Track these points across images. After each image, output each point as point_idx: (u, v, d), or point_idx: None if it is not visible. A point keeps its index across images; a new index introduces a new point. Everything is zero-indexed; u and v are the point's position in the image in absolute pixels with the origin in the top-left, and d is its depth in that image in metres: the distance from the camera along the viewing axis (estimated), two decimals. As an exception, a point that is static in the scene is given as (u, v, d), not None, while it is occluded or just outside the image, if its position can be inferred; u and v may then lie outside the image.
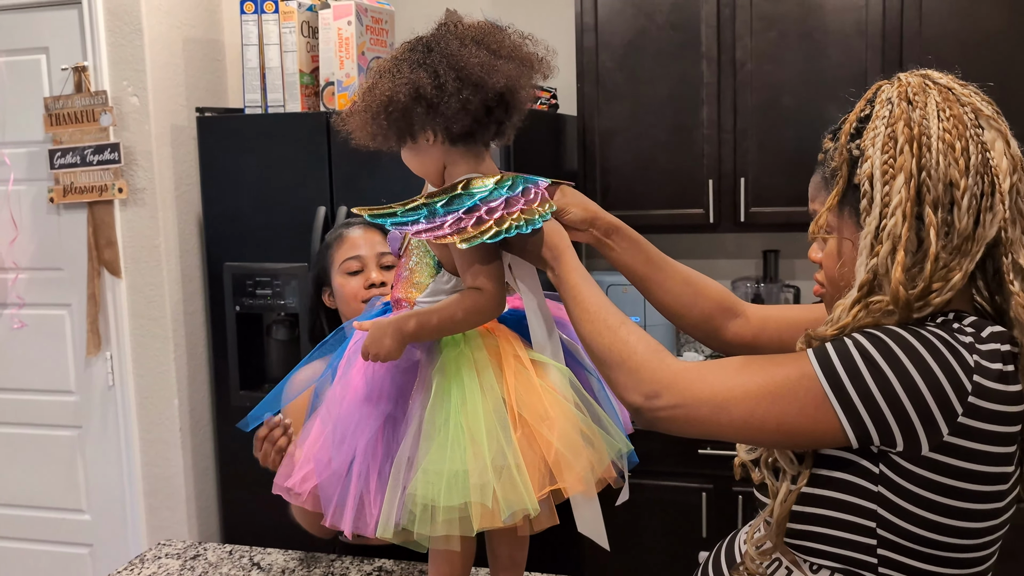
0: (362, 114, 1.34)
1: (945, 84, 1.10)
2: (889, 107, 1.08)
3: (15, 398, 3.17)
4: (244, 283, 2.88)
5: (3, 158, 3.08)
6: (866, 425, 1.02)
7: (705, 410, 1.09)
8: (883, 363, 1.01)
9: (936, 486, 1.02)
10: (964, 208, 1.04)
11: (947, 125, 1.05)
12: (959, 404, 1.00)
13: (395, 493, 1.32)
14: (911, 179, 1.05)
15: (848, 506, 1.06)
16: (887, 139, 1.07)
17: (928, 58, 1.32)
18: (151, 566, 1.92)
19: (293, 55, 2.90)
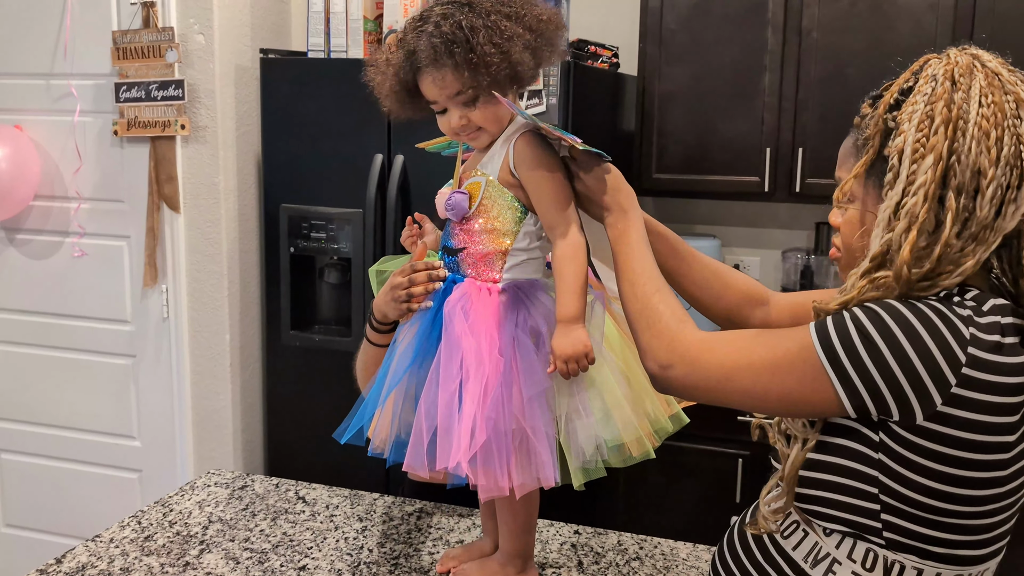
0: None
1: (993, 68, 1.08)
2: (932, 84, 1.08)
3: (73, 324, 3.27)
4: (299, 225, 2.92)
5: (71, 89, 3.14)
6: (862, 396, 1.05)
7: (713, 380, 1.16)
8: (877, 336, 1.04)
9: (933, 454, 1.04)
10: (988, 198, 1.05)
11: (987, 112, 1.05)
12: (952, 375, 1.02)
13: (577, 438, 1.41)
14: (940, 161, 1.05)
15: (852, 472, 1.09)
16: (924, 117, 1.07)
17: (983, 36, 1.32)
18: (201, 493, 1.99)
19: (358, 1, 2.91)
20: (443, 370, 1.38)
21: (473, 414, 1.34)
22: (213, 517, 1.87)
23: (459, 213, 1.46)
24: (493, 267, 1.45)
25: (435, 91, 1.42)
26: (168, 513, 1.89)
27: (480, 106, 1.42)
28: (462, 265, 1.47)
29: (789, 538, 1.17)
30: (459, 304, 1.43)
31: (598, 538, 1.81)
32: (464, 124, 1.43)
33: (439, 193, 1.51)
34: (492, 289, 1.44)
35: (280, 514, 1.89)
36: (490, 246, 1.45)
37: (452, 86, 1.40)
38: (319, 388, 2.98)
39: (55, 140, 3.20)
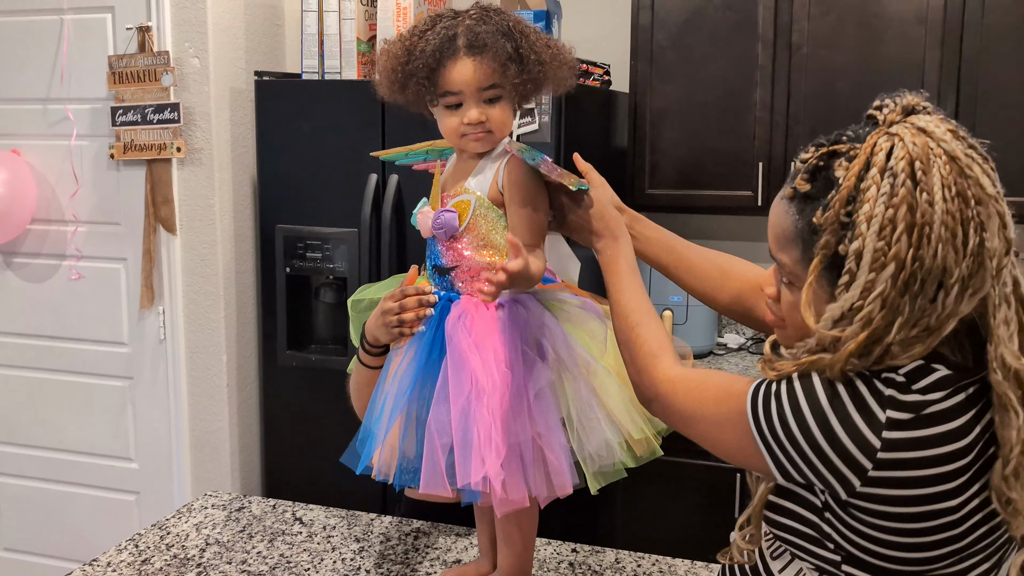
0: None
1: (949, 150, 1.01)
2: (891, 181, 1.00)
3: (71, 347, 3.28)
4: (295, 245, 2.94)
5: (67, 113, 3.16)
6: (789, 472, 1.07)
7: (678, 423, 1.23)
8: (793, 423, 1.05)
9: (872, 516, 1.04)
10: (952, 295, 1.01)
11: (952, 207, 0.99)
12: (867, 460, 1.01)
13: (590, 442, 1.44)
14: (901, 271, 0.99)
15: (811, 523, 1.10)
16: (886, 222, 0.99)
17: (971, 50, 1.29)
18: (198, 515, 2.00)
19: (351, 23, 2.93)
20: (452, 387, 1.39)
21: (490, 427, 1.35)
22: (210, 539, 1.88)
23: (449, 231, 1.47)
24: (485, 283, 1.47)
25: (467, 78, 1.41)
26: (165, 536, 1.89)
27: (500, 108, 1.43)
28: (455, 283, 1.48)
29: (778, 559, 1.18)
30: (460, 321, 1.44)
31: (596, 556, 1.81)
32: (480, 121, 1.43)
33: (420, 213, 1.52)
34: (490, 305, 1.46)
35: (277, 536, 1.90)
36: (482, 262, 1.46)
37: (488, 77, 1.41)
38: (316, 408, 2.99)
39: (52, 164, 3.21)
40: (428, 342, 1.44)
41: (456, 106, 1.44)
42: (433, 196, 1.54)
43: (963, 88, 2.85)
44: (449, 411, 1.38)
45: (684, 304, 3.23)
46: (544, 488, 1.42)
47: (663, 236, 1.51)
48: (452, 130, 1.46)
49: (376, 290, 1.62)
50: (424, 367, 1.43)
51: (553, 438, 1.41)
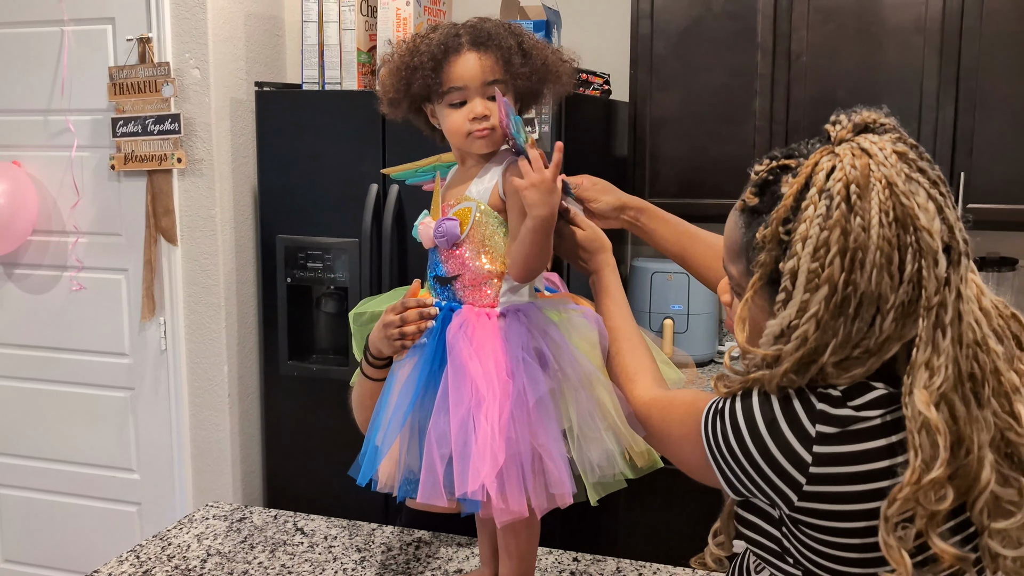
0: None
1: (891, 172, 0.99)
2: (827, 204, 0.99)
3: (72, 358, 3.28)
4: (296, 255, 2.94)
5: (68, 124, 3.17)
6: (737, 487, 1.10)
7: (654, 442, 1.33)
8: (733, 439, 1.08)
9: (814, 536, 1.05)
10: (888, 320, 0.99)
11: (888, 233, 0.98)
12: (800, 475, 1.03)
13: (591, 453, 1.44)
14: (835, 294, 0.99)
15: (771, 536, 1.12)
16: (820, 244, 0.99)
17: (969, 58, 1.31)
18: (199, 526, 2.00)
19: (351, 33, 2.94)
20: (452, 397, 1.39)
21: (490, 436, 1.35)
22: (212, 550, 1.88)
23: (451, 240, 1.47)
24: (488, 292, 1.47)
25: (472, 71, 1.43)
26: (167, 547, 1.89)
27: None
28: (457, 292, 1.48)
29: (761, 573, 1.19)
30: (461, 331, 1.44)
31: (597, 565, 1.81)
32: (485, 115, 1.43)
33: (420, 224, 1.52)
34: (491, 314, 1.46)
35: (279, 546, 1.90)
36: (483, 271, 1.46)
37: (492, 71, 1.43)
38: (317, 417, 2.99)
39: (53, 175, 3.22)
40: (430, 353, 1.44)
41: (461, 104, 1.45)
42: (434, 207, 1.54)
43: (962, 96, 2.85)
44: (449, 421, 1.38)
45: (685, 312, 3.23)
46: (544, 498, 1.41)
47: (672, 223, 1.56)
48: (457, 128, 1.46)
49: (377, 303, 1.62)
50: (426, 378, 1.43)
51: (553, 447, 1.40)
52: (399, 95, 1.51)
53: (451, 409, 1.38)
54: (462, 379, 1.39)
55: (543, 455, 1.39)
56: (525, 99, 1.52)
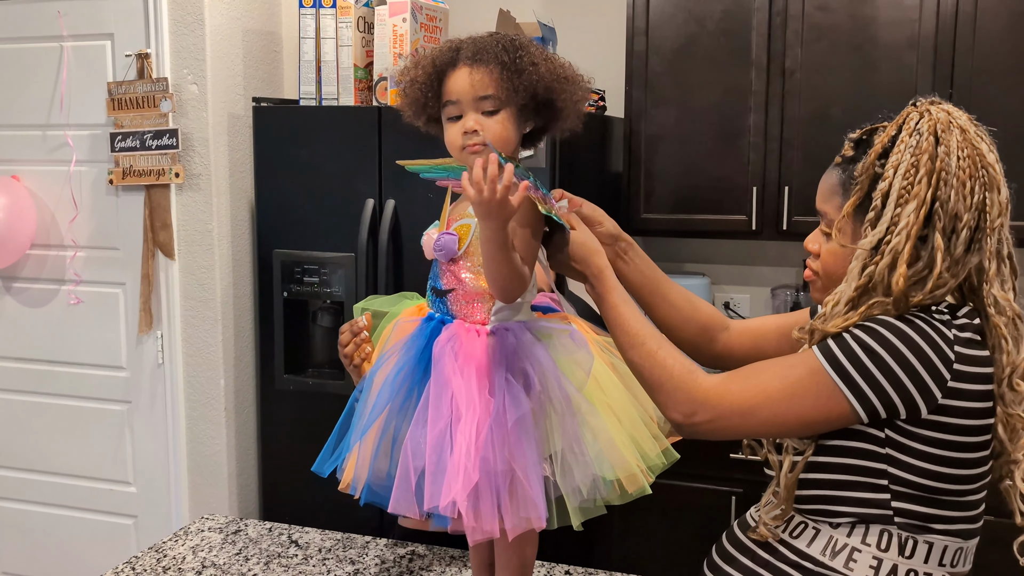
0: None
1: (965, 124, 1.25)
2: (917, 138, 1.24)
3: (69, 371, 3.29)
4: (292, 270, 2.96)
5: (67, 139, 3.19)
6: (872, 403, 1.21)
7: (736, 419, 1.28)
8: (880, 348, 1.20)
9: (937, 442, 1.21)
10: (962, 239, 1.23)
11: (964, 164, 1.22)
12: (947, 371, 1.20)
13: (574, 477, 1.43)
14: (922, 206, 1.22)
15: (861, 469, 1.24)
16: (910, 167, 1.23)
17: (962, 76, 1.42)
18: (194, 538, 2.00)
19: (348, 49, 2.97)
20: (432, 410, 1.39)
21: (464, 454, 1.35)
22: (207, 562, 1.88)
23: (448, 254, 1.48)
24: (481, 309, 1.48)
25: (464, 86, 1.43)
26: (162, 559, 1.90)
27: (497, 120, 1.44)
28: (451, 306, 1.49)
29: (799, 537, 1.29)
30: (448, 344, 1.45)
31: (589, 578, 1.82)
32: (474, 132, 1.42)
33: (426, 235, 1.53)
34: (480, 331, 1.47)
35: (273, 558, 1.91)
36: (479, 287, 1.47)
37: (484, 86, 1.42)
38: (313, 431, 2.98)
39: (51, 189, 3.24)
40: (414, 362, 1.45)
41: (457, 118, 1.46)
42: (443, 218, 1.55)
43: (954, 113, 2.88)
44: (426, 435, 1.39)
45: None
46: (517, 520, 1.41)
47: (650, 264, 1.59)
48: (452, 142, 1.47)
49: (381, 303, 1.64)
50: (408, 386, 1.44)
51: (530, 469, 1.39)
52: (411, 108, 1.53)
53: (430, 422, 1.39)
54: (443, 393, 1.40)
55: (520, 476, 1.39)
56: (533, 117, 1.50)
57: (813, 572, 1.26)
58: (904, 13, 2.88)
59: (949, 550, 1.26)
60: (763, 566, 1.31)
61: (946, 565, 1.26)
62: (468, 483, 1.34)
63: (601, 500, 1.46)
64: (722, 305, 3.47)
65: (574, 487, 1.43)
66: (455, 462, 1.35)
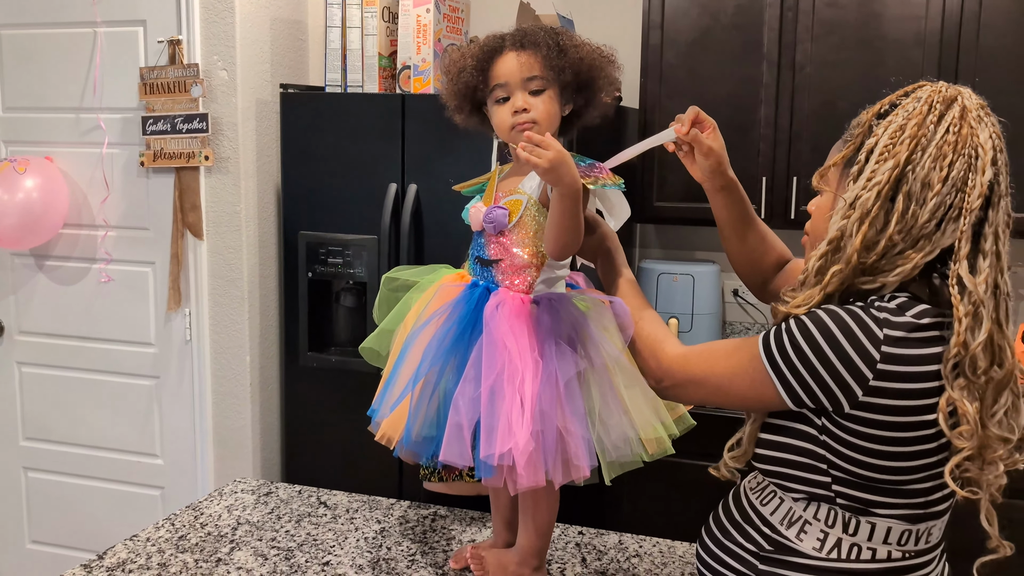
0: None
1: (970, 106, 1.25)
2: (915, 104, 1.26)
3: (100, 347, 3.41)
4: (317, 251, 3.07)
5: (99, 123, 3.31)
6: (797, 392, 1.26)
7: (692, 387, 1.41)
8: (804, 343, 1.25)
9: (865, 435, 1.24)
10: (929, 208, 1.23)
11: (950, 138, 1.23)
12: (868, 370, 1.21)
13: (610, 434, 1.54)
14: (896, 168, 1.23)
15: (805, 451, 1.31)
16: (898, 128, 1.25)
17: (969, 71, 1.46)
18: (228, 499, 2.12)
19: (373, 39, 3.07)
20: (485, 367, 1.50)
21: (521, 407, 1.46)
22: (241, 520, 2.00)
23: (498, 227, 1.59)
24: (525, 279, 1.59)
25: (512, 68, 1.56)
26: (199, 516, 2.02)
27: (544, 99, 1.57)
28: (496, 276, 1.60)
29: (767, 504, 1.37)
30: (498, 310, 1.56)
31: (600, 538, 1.93)
32: (525, 109, 1.56)
33: (473, 207, 1.64)
34: (525, 299, 1.58)
35: (304, 517, 2.02)
36: (523, 260, 1.58)
37: (530, 67, 1.55)
38: (335, 407, 3.11)
39: (84, 171, 3.35)
40: (463, 322, 1.56)
41: (505, 100, 1.57)
42: (488, 192, 1.66)
43: (959, 107, 2.97)
44: (478, 388, 1.49)
45: (690, 313, 3.34)
46: (561, 473, 1.53)
47: (745, 206, 1.70)
48: (502, 123, 1.59)
49: (412, 273, 1.74)
50: (454, 345, 1.54)
51: (576, 427, 1.51)
52: (458, 100, 1.64)
53: (484, 377, 1.49)
54: (495, 351, 1.50)
55: (565, 433, 1.51)
56: (575, 96, 1.63)
57: (771, 539, 1.35)
58: (911, 10, 2.98)
59: (894, 530, 1.30)
60: (736, 527, 1.41)
61: (892, 543, 1.30)
62: (525, 434, 1.45)
63: (637, 456, 1.57)
64: (731, 292, 3.57)
65: (609, 444, 1.54)
66: (510, 415, 1.46)
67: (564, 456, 1.52)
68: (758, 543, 1.36)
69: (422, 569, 1.78)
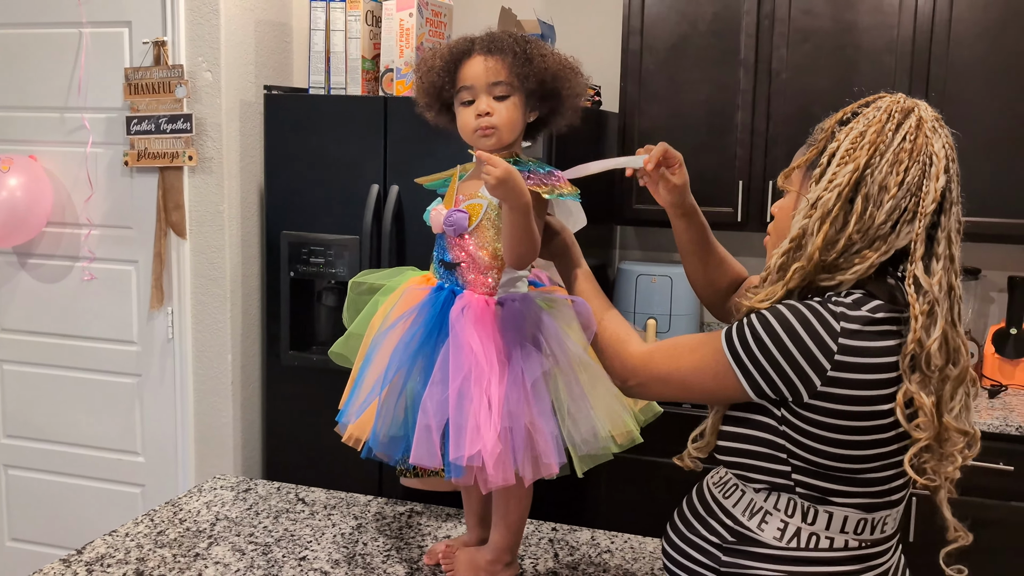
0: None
1: (926, 117, 1.33)
2: (875, 113, 1.33)
3: (82, 345, 3.43)
4: (299, 251, 3.10)
5: (84, 122, 3.33)
6: (759, 382, 1.32)
7: (658, 385, 1.46)
8: (765, 335, 1.31)
9: (824, 424, 1.30)
10: (885, 210, 1.30)
11: (906, 146, 1.30)
12: (826, 361, 1.28)
13: (579, 428, 1.58)
14: (856, 171, 1.30)
15: (766, 441, 1.36)
16: (858, 135, 1.32)
17: (938, 77, 1.50)
18: (208, 495, 2.15)
19: (357, 42, 3.11)
20: (452, 369, 1.53)
21: (487, 408, 1.50)
22: (220, 515, 2.03)
23: (458, 230, 1.63)
24: (488, 281, 1.63)
25: (478, 72, 1.60)
26: (178, 512, 2.05)
27: (507, 105, 1.60)
28: (459, 278, 1.64)
29: (729, 497, 1.43)
30: (463, 313, 1.60)
31: (573, 534, 1.98)
32: (486, 114, 1.59)
33: (433, 210, 1.68)
34: (490, 301, 1.62)
35: (282, 513, 2.06)
36: (485, 262, 1.62)
37: (496, 73, 1.59)
38: (317, 406, 3.14)
39: (68, 170, 3.38)
40: (428, 325, 1.59)
41: (470, 103, 1.61)
42: (448, 195, 1.69)
43: (931, 114, 3.03)
44: (445, 391, 1.53)
45: (667, 313, 3.39)
46: (531, 469, 1.57)
47: (705, 232, 1.74)
48: (465, 125, 1.63)
49: (378, 276, 1.78)
50: (420, 347, 1.58)
51: (544, 424, 1.56)
52: (427, 98, 1.68)
53: (451, 380, 1.53)
54: (461, 354, 1.54)
55: (534, 431, 1.55)
56: (540, 104, 1.66)
57: (734, 530, 1.40)
58: (884, 19, 3.04)
59: (851, 519, 1.35)
60: (699, 520, 1.45)
61: (848, 532, 1.36)
62: (495, 435, 1.49)
63: (606, 449, 1.61)
64: (708, 294, 3.62)
65: (581, 439, 1.58)
66: (478, 417, 1.50)
67: (533, 453, 1.56)
68: (721, 535, 1.41)
69: (396, 564, 1.82)
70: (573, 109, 1.69)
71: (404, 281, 1.73)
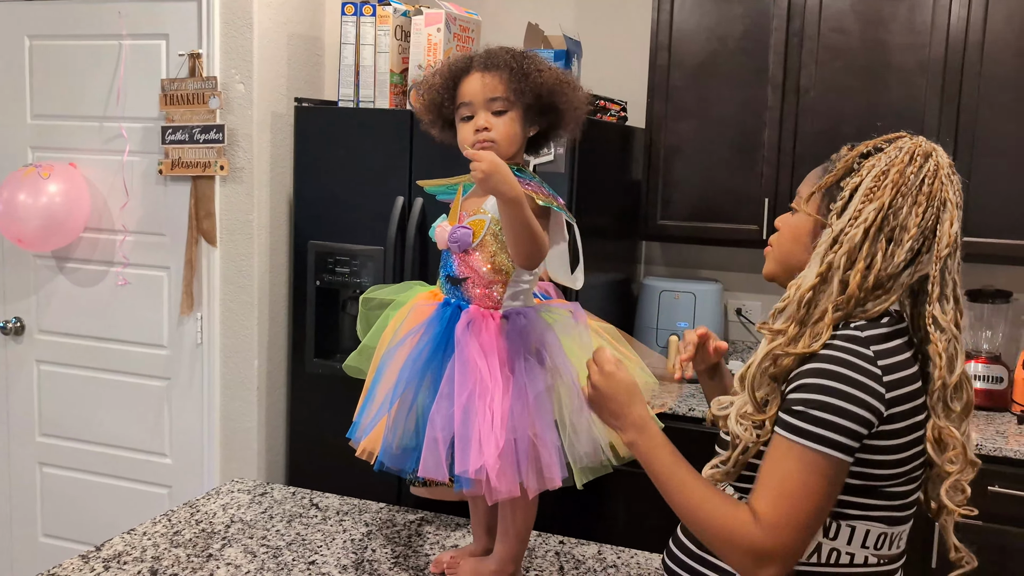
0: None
1: (943, 163, 1.38)
2: (897, 152, 1.38)
3: (115, 348, 3.51)
4: (326, 260, 3.15)
5: (121, 131, 3.41)
6: (848, 444, 1.30)
7: (791, 528, 1.29)
8: (825, 397, 1.29)
9: (875, 448, 1.32)
10: (904, 248, 1.35)
11: (927, 189, 1.36)
12: (882, 405, 1.31)
13: (581, 441, 1.61)
14: (881, 210, 1.35)
15: None
16: (881, 172, 1.36)
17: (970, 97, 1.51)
18: (225, 497, 2.20)
19: (386, 56, 3.16)
20: (457, 385, 1.57)
21: (491, 422, 1.53)
22: (235, 518, 2.07)
23: (463, 246, 1.66)
24: (493, 295, 1.66)
25: (476, 88, 1.63)
26: (195, 513, 2.09)
27: (505, 120, 1.63)
28: (465, 292, 1.67)
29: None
30: (469, 328, 1.63)
31: (580, 548, 1.99)
32: (484, 129, 1.63)
33: (438, 227, 1.71)
34: (495, 315, 1.65)
35: (295, 517, 2.09)
36: (490, 277, 1.65)
37: (494, 89, 1.62)
38: (339, 413, 3.16)
39: (105, 177, 3.46)
40: (436, 341, 1.63)
41: (469, 118, 1.64)
42: (452, 212, 1.73)
43: (961, 135, 3.00)
44: (452, 406, 1.56)
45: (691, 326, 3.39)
46: (535, 481, 1.60)
47: (725, 383, 1.73)
48: (465, 140, 1.67)
49: (387, 292, 1.81)
50: (428, 363, 1.61)
51: (547, 437, 1.58)
52: (430, 115, 1.72)
53: (456, 395, 1.56)
54: (467, 370, 1.57)
55: (537, 443, 1.58)
56: (539, 119, 1.69)
57: None
58: (916, 38, 3.02)
59: (872, 534, 1.35)
60: None
61: (869, 547, 1.36)
62: (497, 450, 1.52)
63: (606, 461, 1.63)
64: (734, 311, 3.61)
65: (583, 451, 1.61)
66: (484, 430, 1.53)
67: (537, 465, 1.58)
68: None
69: (403, 572, 1.85)
70: (574, 122, 1.72)
71: (412, 296, 1.77)
